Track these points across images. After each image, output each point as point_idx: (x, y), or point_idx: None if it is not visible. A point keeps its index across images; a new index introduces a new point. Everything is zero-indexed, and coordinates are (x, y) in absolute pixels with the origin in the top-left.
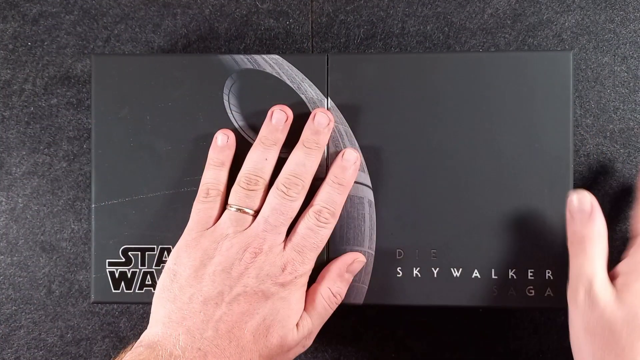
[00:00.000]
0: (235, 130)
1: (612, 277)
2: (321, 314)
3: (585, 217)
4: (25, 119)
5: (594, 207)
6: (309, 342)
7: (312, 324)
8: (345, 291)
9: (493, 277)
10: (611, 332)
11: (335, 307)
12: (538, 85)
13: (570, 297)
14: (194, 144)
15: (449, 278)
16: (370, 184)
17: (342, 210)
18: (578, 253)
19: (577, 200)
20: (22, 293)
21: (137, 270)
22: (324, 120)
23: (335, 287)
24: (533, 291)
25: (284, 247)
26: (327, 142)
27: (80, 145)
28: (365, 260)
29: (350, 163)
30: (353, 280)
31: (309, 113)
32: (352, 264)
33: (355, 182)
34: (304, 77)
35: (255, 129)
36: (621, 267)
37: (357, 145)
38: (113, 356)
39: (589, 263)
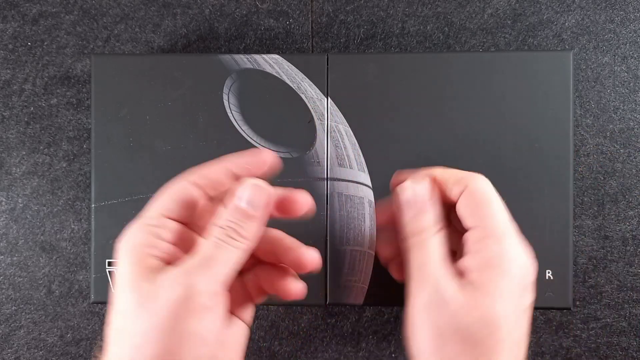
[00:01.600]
0: (235, 130)
1: (459, 272)
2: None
3: (415, 210)
4: (25, 119)
5: (424, 194)
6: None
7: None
8: (249, 225)
9: None
10: (467, 335)
11: (232, 244)
12: (538, 85)
13: (412, 300)
14: (194, 144)
15: None
16: (370, 184)
17: (342, 210)
18: (417, 249)
19: (408, 189)
20: (22, 293)
21: None
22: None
23: (221, 220)
24: None
25: None
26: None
27: (80, 145)
28: (265, 185)
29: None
30: (353, 280)
31: (309, 113)
32: (243, 190)
33: (355, 182)
34: (304, 76)
35: (255, 129)
36: (469, 262)
37: (357, 145)
38: None
39: (430, 260)
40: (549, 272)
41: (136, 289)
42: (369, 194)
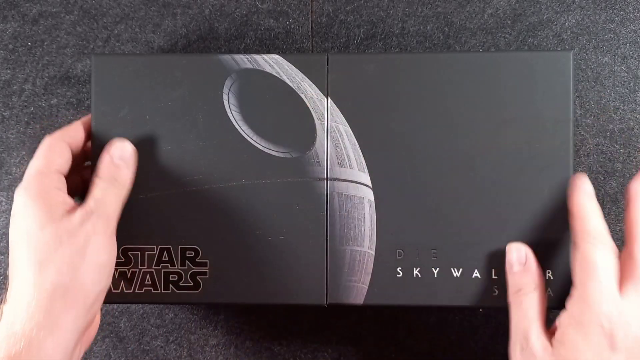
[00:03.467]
0: (235, 130)
1: (553, 330)
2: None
3: (521, 269)
4: (25, 119)
5: (529, 258)
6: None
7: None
8: (121, 172)
9: (493, 277)
10: None
11: (113, 189)
12: (538, 85)
13: (511, 352)
14: (194, 144)
15: (449, 278)
16: (370, 184)
17: (342, 210)
18: (515, 306)
19: (515, 251)
20: None
21: (137, 270)
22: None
23: (101, 173)
24: None
25: None
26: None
27: None
28: (126, 142)
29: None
30: (353, 280)
31: (309, 113)
32: (110, 149)
33: (355, 182)
34: (304, 76)
35: (255, 129)
36: (560, 319)
37: (357, 145)
38: (112, 356)
39: (524, 316)
40: (549, 272)
41: (51, 227)
42: (369, 194)
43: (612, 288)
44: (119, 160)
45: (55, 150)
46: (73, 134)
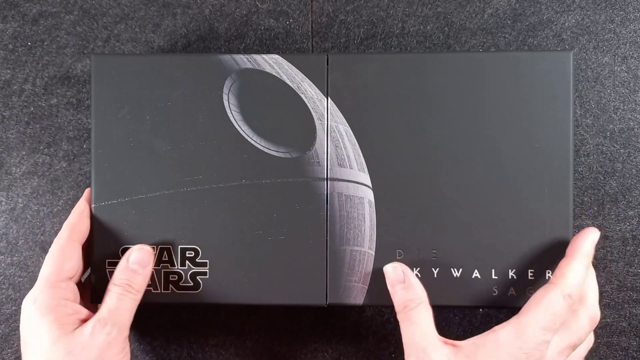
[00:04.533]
0: (235, 130)
1: (451, 344)
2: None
3: (402, 286)
4: (25, 119)
5: (407, 274)
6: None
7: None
8: (137, 280)
9: (493, 277)
10: None
11: (129, 296)
12: (538, 85)
13: None
14: (194, 143)
15: (449, 278)
16: (370, 184)
17: (342, 210)
18: (405, 322)
19: (392, 271)
20: (22, 293)
21: None
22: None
23: (117, 280)
24: (533, 291)
25: None
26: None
27: (80, 145)
28: (148, 248)
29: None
30: (353, 280)
31: (309, 112)
32: (130, 255)
33: (355, 182)
34: (304, 76)
35: (255, 129)
36: (465, 343)
37: (357, 145)
38: None
39: (418, 330)
40: (548, 272)
41: (63, 342)
42: (369, 194)
43: (549, 336)
44: (135, 265)
45: (66, 254)
46: (79, 228)
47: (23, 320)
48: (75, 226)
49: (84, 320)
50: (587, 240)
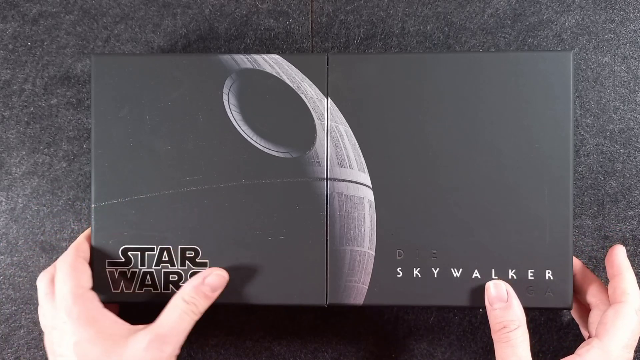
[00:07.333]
0: (235, 130)
1: None
2: (173, 321)
3: (503, 305)
4: (25, 119)
5: (510, 294)
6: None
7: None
8: (204, 303)
9: (493, 277)
10: None
11: (191, 316)
12: (538, 85)
13: None
14: (194, 144)
15: (449, 278)
16: (370, 184)
17: (342, 210)
18: (502, 343)
19: (494, 288)
20: (22, 293)
21: (137, 270)
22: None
23: (187, 296)
24: (533, 291)
25: None
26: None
27: (80, 145)
28: (226, 276)
29: None
30: (353, 280)
31: (309, 112)
32: (208, 276)
33: (355, 182)
34: (304, 76)
35: (255, 129)
36: None
37: (357, 145)
38: None
39: (513, 354)
40: (549, 272)
41: (116, 354)
42: (369, 194)
43: (631, 353)
44: (208, 288)
45: (78, 269)
46: (84, 247)
47: (59, 336)
48: (81, 245)
49: (129, 329)
50: (622, 255)
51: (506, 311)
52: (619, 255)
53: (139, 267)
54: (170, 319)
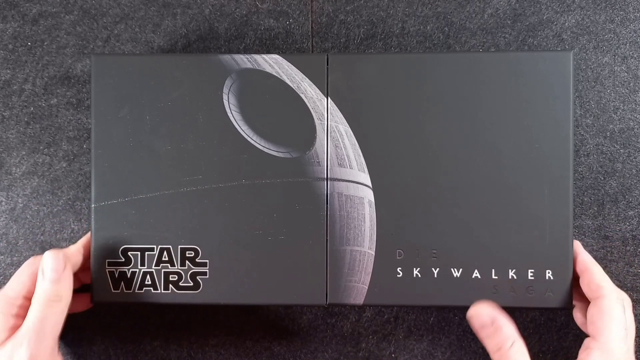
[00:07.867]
0: (235, 130)
1: None
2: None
3: (491, 330)
4: (25, 119)
5: (494, 317)
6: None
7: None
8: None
9: (493, 277)
10: None
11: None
12: (538, 85)
13: None
14: (194, 144)
15: (449, 278)
16: (370, 184)
17: (342, 210)
18: None
19: (477, 319)
20: None
21: (137, 270)
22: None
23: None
24: (533, 291)
25: None
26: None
27: (80, 145)
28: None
29: None
30: (353, 280)
31: (309, 112)
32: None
33: (355, 182)
34: (304, 76)
35: (255, 129)
36: None
37: (357, 145)
38: (112, 356)
39: None
40: (549, 272)
41: None
42: (369, 194)
43: (629, 343)
44: (51, 272)
45: (27, 274)
46: (76, 259)
47: None
48: (73, 255)
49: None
50: (582, 249)
51: (496, 334)
52: (579, 251)
53: (139, 267)
54: (26, 321)
